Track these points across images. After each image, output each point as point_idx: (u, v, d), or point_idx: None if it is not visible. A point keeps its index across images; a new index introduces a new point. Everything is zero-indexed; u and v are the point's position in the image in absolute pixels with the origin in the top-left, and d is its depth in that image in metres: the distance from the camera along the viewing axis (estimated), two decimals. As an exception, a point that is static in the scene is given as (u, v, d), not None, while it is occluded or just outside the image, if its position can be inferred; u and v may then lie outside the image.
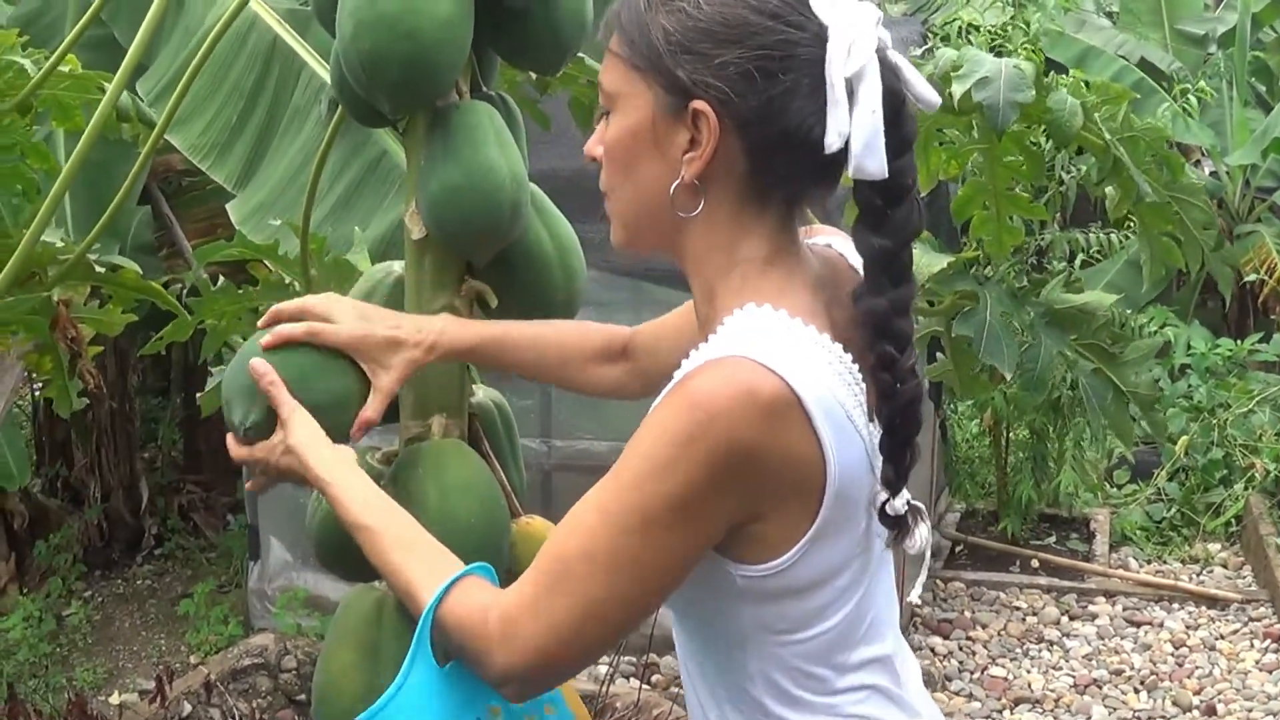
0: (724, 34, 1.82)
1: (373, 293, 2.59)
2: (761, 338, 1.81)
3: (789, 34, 1.82)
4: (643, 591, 1.83)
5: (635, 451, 1.80)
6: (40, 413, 8.15)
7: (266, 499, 6.79)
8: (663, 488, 1.76)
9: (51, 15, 6.26)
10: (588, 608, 1.81)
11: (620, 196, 1.98)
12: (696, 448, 1.74)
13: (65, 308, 3.97)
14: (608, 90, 1.94)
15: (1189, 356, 9.50)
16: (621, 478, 1.80)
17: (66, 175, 3.01)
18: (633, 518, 1.78)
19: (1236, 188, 10.49)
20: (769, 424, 1.75)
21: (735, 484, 1.77)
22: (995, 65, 4.02)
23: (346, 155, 4.30)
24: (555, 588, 1.82)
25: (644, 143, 1.90)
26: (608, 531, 1.80)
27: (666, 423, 1.78)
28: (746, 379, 1.75)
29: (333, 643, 2.48)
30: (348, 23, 2.30)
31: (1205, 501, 8.51)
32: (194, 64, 3.03)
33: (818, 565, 1.86)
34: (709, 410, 1.74)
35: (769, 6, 1.83)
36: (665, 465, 1.76)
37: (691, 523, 1.78)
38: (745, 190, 1.89)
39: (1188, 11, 12.08)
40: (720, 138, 1.84)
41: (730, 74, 1.82)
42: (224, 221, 4.88)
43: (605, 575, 1.80)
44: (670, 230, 1.94)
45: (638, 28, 1.88)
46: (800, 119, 1.82)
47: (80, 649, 7.09)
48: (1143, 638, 7.02)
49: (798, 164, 1.87)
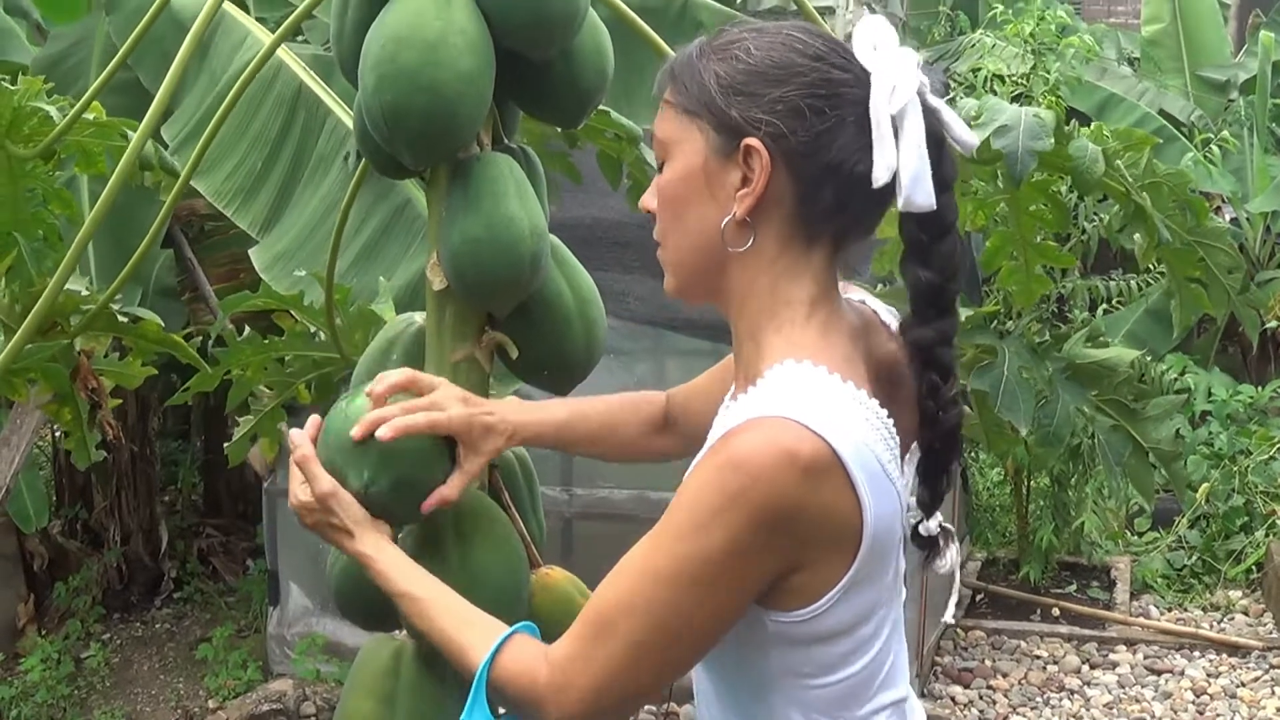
0: (773, 74, 1.91)
1: (394, 343, 2.60)
2: (802, 396, 1.86)
3: (834, 74, 1.92)
4: (683, 645, 1.88)
5: (679, 508, 1.84)
6: (60, 455, 8.17)
7: (286, 544, 6.80)
8: (705, 546, 1.80)
9: (77, 58, 6.30)
10: (633, 658, 1.86)
11: (672, 241, 2.02)
12: (739, 508, 1.78)
13: (87, 358, 3.98)
14: (661, 139, 2.01)
15: (1210, 403, 9.48)
16: (665, 534, 1.85)
17: (91, 224, 3.02)
18: (676, 574, 1.83)
19: (1257, 234, 10.48)
20: (810, 484, 1.79)
21: (776, 542, 1.81)
22: (1015, 113, 4.01)
23: (371, 203, 4.30)
24: (600, 639, 1.87)
25: (696, 186, 1.96)
26: (651, 586, 1.84)
27: (710, 482, 1.82)
28: (788, 441, 1.79)
29: (351, 692, 2.48)
30: (370, 75, 2.31)
31: (1226, 549, 8.48)
32: (220, 110, 3.04)
33: (848, 612, 1.90)
34: (751, 472, 1.78)
35: (815, 49, 1.93)
36: (708, 524, 1.80)
37: (734, 580, 1.83)
38: (793, 228, 1.94)
39: (1209, 58, 12.11)
40: (771, 173, 1.90)
41: (780, 110, 1.89)
42: (247, 266, 4.89)
43: (647, 628, 1.85)
44: (718, 272, 1.99)
45: (691, 75, 1.97)
46: (847, 154, 1.90)
47: (99, 692, 7.09)
48: (1164, 686, 6.99)
49: (844, 200, 1.92)
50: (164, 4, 3.10)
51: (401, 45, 2.28)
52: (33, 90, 3.68)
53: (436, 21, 2.29)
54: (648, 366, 6.66)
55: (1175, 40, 12.20)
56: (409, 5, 2.32)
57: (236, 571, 8.26)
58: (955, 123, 1.97)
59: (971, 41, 10.83)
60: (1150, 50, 12.30)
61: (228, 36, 4.91)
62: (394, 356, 2.57)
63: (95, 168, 3.95)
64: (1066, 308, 9.08)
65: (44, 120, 3.70)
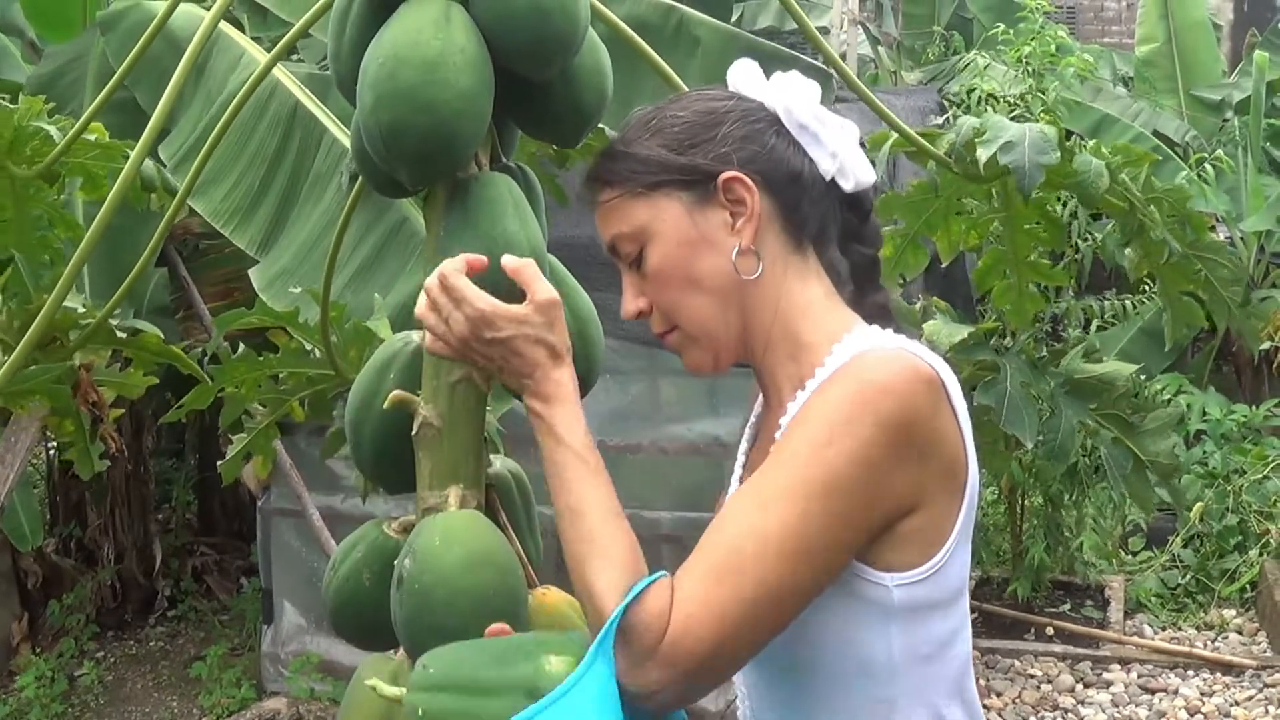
0: (708, 121, 2.04)
1: (391, 362, 2.59)
2: (889, 340, 1.95)
3: (748, 104, 2.07)
4: (813, 570, 1.81)
5: (804, 432, 1.84)
6: (54, 473, 8.17)
7: (280, 563, 6.78)
8: (846, 455, 1.79)
9: (72, 77, 6.30)
10: (767, 589, 1.78)
11: (690, 310, 2.04)
12: (869, 416, 1.81)
13: (87, 372, 3.98)
14: (629, 232, 2.05)
15: (1204, 423, 9.49)
16: (792, 456, 1.82)
17: (88, 243, 3.01)
18: (811, 486, 1.79)
19: (1251, 254, 10.49)
20: (931, 400, 1.86)
21: (904, 456, 1.83)
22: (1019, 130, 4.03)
23: (368, 221, 4.31)
24: (725, 577, 1.78)
25: (693, 243, 2.01)
26: (787, 507, 1.79)
27: (835, 398, 1.84)
28: (908, 359, 1.87)
29: (347, 711, 2.48)
30: (368, 94, 2.31)
31: (1220, 567, 8.48)
32: (217, 129, 3.04)
33: (959, 571, 1.94)
34: (879, 384, 1.83)
35: (722, 95, 2.10)
36: (841, 431, 1.80)
37: (863, 496, 1.81)
38: (787, 241, 2.04)
39: (1203, 78, 12.14)
40: (755, 195, 2.00)
41: (734, 140, 2.02)
42: (240, 285, 4.90)
43: (783, 555, 1.78)
44: (741, 314, 2.03)
45: (631, 160, 2.04)
46: (797, 162, 2.04)
47: (92, 710, 7.08)
48: (1158, 705, 6.98)
49: (813, 202, 2.05)
50: (162, 23, 3.10)
51: (400, 64, 2.28)
52: (33, 110, 3.67)
53: (435, 40, 2.29)
54: (642, 386, 6.67)
55: (1170, 60, 12.23)
56: (408, 24, 2.32)
57: (230, 590, 8.26)
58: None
59: (965, 62, 10.86)
60: (1145, 70, 12.33)
61: (224, 56, 4.92)
62: (391, 375, 2.57)
63: (100, 191, 3.93)
64: (1061, 327, 9.10)
65: (45, 140, 3.69)
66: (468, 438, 2.48)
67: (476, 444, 2.51)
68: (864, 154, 2.08)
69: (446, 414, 2.46)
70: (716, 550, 1.80)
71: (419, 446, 2.49)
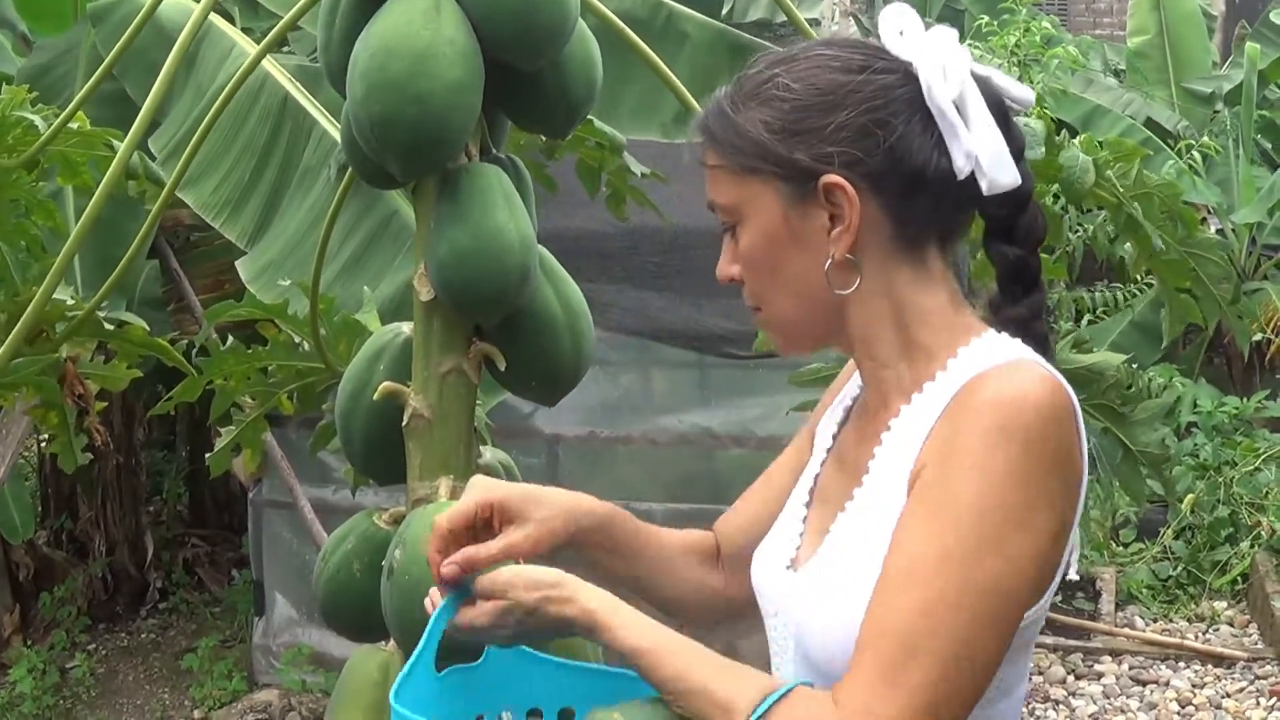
0: (824, 103, 1.80)
1: (381, 353, 2.60)
2: (1016, 351, 1.78)
3: (883, 79, 1.81)
4: (1011, 622, 1.67)
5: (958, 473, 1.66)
6: (46, 465, 8.16)
7: (272, 555, 6.79)
8: (1007, 494, 1.64)
9: (63, 69, 6.29)
10: (960, 663, 1.62)
11: (775, 302, 1.89)
12: (1030, 448, 1.65)
13: (73, 364, 3.98)
14: (724, 205, 1.87)
15: (1195, 415, 9.49)
16: (947, 508, 1.66)
17: (78, 234, 3.02)
18: (983, 540, 1.64)
19: (1243, 246, 10.49)
20: (1070, 419, 1.70)
21: (1060, 484, 1.68)
22: (1005, 124, 4.02)
23: (357, 214, 4.31)
24: (909, 659, 1.61)
25: (781, 242, 1.83)
26: (956, 569, 1.63)
27: (977, 432, 1.67)
28: (1045, 376, 1.71)
29: (339, 703, 2.48)
30: (358, 86, 2.31)
31: (1211, 559, 8.48)
32: (206, 122, 3.04)
33: (1042, 614, 1.78)
34: (1034, 408, 1.66)
35: (855, 62, 1.82)
36: (1003, 473, 1.65)
37: (1037, 528, 1.66)
38: (898, 247, 1.83)
39: (1194, 69, 12.14)
40: (859, 202, 1.78)
41: (846, 137, 1.78)
42: (232, 277, 4.90)
43: (968, 619, 1.62)
44: (834, 317, 1.86)
45: (733, 131, 1.84)
46: (924, 156, 1.79)
47: (84, 702, 7.07)
48: (1149, 697, 6.99)
49: (936, 201, 1.82)
50: (148, 15, 3.10)
51: (390, 56, 2.28)
52: (17, 100, 3.67)
53: (425, 32, 2.29)
54: (633, 377, 6.67)
55: (1161, 52, 12.23)
56: (397, 15, 2.32)
57: (222, 582, 8.25)
58: (1008, 84, 1.87)
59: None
60: (1136, 62, 12.33)
61: (214, 48, 4.92)
62: (381, 367, 2.57)
63: (79, 179, 3.94)
64: (1052, 318, 9.08)
65: (28, 130, 3.69)
66: (458, 429, 2.49)
67: (467, 435, 2.52)
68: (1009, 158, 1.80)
69: (437, 405, 2.47)
70: (895, 634, 1.63)
71: (409, 437, 2.49)
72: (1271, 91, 11.55)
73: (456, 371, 2.47)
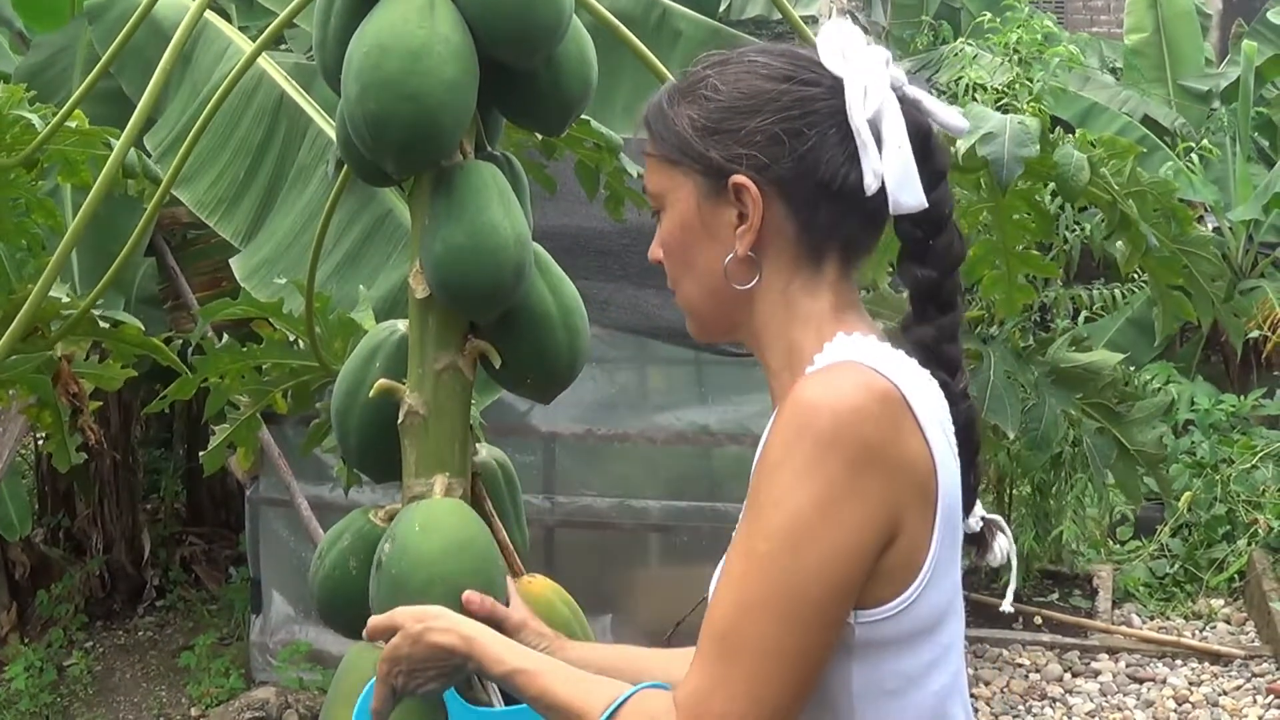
0: (744, 106, 1.89)
1: (377, 351, 2.59)
2: (857, 352, 1.84)
3: (805, 91, 1.88)
4: (820, 620, 1.74)
5: (763, 480, 1.76)
6: (43, 463, 8.15)
7: (269, 552, 6.79)
8: (803, 496, 1.71)
9: (60, 67, 6.30)
10: (773, 658, 1.73)
11: (685, 288, 1.99)
12: (828, 450, 1.72)
13: (67, 362, 3.98)
14: (652, 191, 1.99)
15: (1192, 412, 9.50)
16: (757, 512, 1.75)
17: (74, 232, 3.01)
18: (783, 544, 1.72)
19: (1239, 243, 10.50)
20: (889, 419, 1.75)
21: (872, 481, 1.73)
22: (1000, 121, 4.03)
23: (352, 212, 4.30)
24: (729, 655, 1.74)
25: (694, 231, 1.94)
26: (761, 570, 1.73)
27: (790, 436, 1.74)
28: (859, 377, 1.77)
29: (334, 701, 2.48)
30: (353, 84, 2.31)
31: (1208, 557, 8.49)
32: (201, 120, 3.04)
33: (930, 606, 1.82)
34: (830, 410, 1.73)
35: (781, 71, 1.90)
36: (800, 474, 1.72)
37: (841, 526, 1.72)
38: (799, 252, 1.91)
39: (1191, 67, 12.15)
40: (765, 205, 1.87)
41: (759, 141, 1.87)
42: (229, 274, 4.89)
43: (775, 617, 1.72)
44: (737, 309, 1.95)
45: (665, 124, 1.95)
46: (834, 168, 1.86)
47: (81, 700, 7.08)
48: (1146, 694, 7.00)
49: (842, 213, 1.89)
50: (145, 13, 3.09)
51: (385, 54, 2.28)
52: (14, 98, 3.67)
53: (420, 30, 2.29)
54: (630, 374, 6.67)
55: (1158, 50, 12.24)
56: (392, 13, 2.32)
57: (219, 579, 8.25)
58: (940, 109, 1.93)
59: (953, 50, 10.85)
60: (1133, 59, 12.34)
61: (210, 46, 4.92)
62: (376, 365, 2.57)
63: (78, 177, 3.94)
64: (1049, 316, 9.09)
65: (26, 128, 3.69)
66: (453, 426, 2.48)
67: (462, 432, 2.52)
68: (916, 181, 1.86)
69: (432, 402, 2.47)
70: (717, 631, 1.76)
71: (404, 435, 2.49)
72: (1268, 89, 11.56)
73: (452, 369, 2.47)
